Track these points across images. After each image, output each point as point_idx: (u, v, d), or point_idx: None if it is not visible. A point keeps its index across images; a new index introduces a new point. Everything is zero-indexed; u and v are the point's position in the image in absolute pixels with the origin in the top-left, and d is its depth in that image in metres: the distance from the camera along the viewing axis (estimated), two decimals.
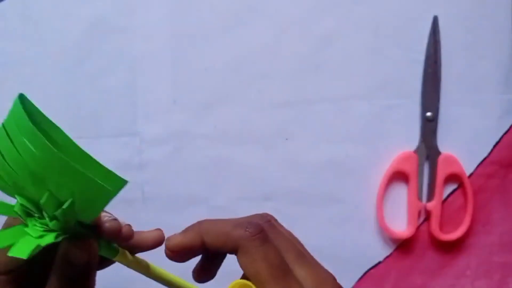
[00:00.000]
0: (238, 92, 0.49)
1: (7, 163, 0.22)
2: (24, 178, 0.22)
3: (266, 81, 0.49)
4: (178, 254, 0.26)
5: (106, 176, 0.22)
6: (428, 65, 0.48)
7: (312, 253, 0.27)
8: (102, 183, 0.22)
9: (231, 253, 0.24)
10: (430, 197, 0.49)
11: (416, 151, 0.49)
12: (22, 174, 0.22)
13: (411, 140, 0.49)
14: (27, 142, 0.22)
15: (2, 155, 0.22)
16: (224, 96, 0.49)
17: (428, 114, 0.48)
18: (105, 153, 0.49)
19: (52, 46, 0.49)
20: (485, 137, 0.49)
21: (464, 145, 0.49)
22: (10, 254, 0.20)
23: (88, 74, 0.49)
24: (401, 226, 0.49)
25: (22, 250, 0.21)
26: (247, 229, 0.24)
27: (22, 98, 0.24)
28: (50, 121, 0.25)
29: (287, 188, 0.49)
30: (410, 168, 0.48)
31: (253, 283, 0.23)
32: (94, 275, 0.25)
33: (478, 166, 0.49)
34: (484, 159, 0.49)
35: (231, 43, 0.49)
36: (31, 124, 0.22)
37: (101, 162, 0.22)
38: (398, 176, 0.49)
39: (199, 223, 0.26)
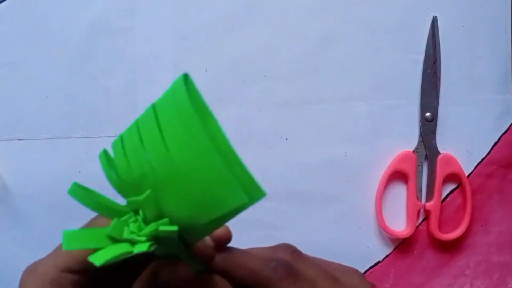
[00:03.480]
0: (238, 92, 0.49)
1: (145, 148, 0.19)
2: (160, 168, 0.19)
3: (266, 81, 0.49)
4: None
5: (247, 182, 0.20)
6: (427, 65, 0.49)
7: (311, 253, 0.27)
8: (239, 188, 0.19)
9: None
10: (429, 197, 0.49)
11: (415, 151, 0.49)
12: (159, 163, 0.19)
13: (410, 140, 0.49)
14: (180, 128, 0.18)
15: (142, 140, 0.20)
16: (224, 96, 0.49)
17: (427, 114, 0.49)
18: None
19: (53, 47, 0.49)
20: (484, 137, 0.49)
21: (463, 145, 0.49)
22: (90, 259, 0.19)
23: (89, 74, 0.49)
24: (400, 226, 0.49)
25: (101, 256, 0.19)
26: (277, 270, 0.24)
27: (186, 79, 0.20)
28: (208, 109, 0.22)
29: (287, 188, 0.49)
30: (409, 168, 0.49)
31: None
32: None
33: (477, 166, 0.49)
34: (483, 159, 0.49)
35: (231, 44, 0.49)
36: (192, 110, 0.18)
37: (245, 167, 0.20)
38: (397, 176, 0.49)
39: (229, 252, 0.25)
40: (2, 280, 0.51)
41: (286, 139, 0.49)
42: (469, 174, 0.49)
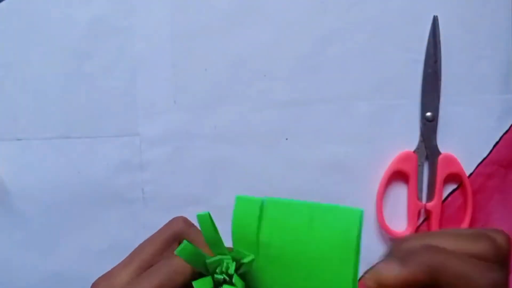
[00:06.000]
0: (238, 92, 0.49)
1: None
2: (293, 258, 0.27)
3: (266, 81, 0.49)
4: None
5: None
6: (428, 65, 0.48)
7: None
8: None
9: None
10: (430, 197, 0.49)
11: (416, 151, 0.49)
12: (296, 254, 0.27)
13: (410, 140, 0.49)
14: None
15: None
16: (224, 96, 0.49)
17: (428, 114, 0.48)
18: (105, 153, 0.49)
19: (52, 46, 0.49)
20: (485, 137, 0.49)
21: (464, 145, 0.49)
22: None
23: (88, 74, 0.49)
24: (401, 226, 0.49)
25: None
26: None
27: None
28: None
29: (287, 188, 0.49)
30: (409, 168, 0.48)
31: None
32: None
33: (478, 166, 0.49)
34: (484, 159, 0.49)
35: (231, 43, 0.49)
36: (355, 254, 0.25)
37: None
38: (397, 176, 0.49)
39: (422, 254, 0.21)
40: (2, 281, 0.51)
41: (286, 139, 0.49)
42: (470, 174, 0.49)
